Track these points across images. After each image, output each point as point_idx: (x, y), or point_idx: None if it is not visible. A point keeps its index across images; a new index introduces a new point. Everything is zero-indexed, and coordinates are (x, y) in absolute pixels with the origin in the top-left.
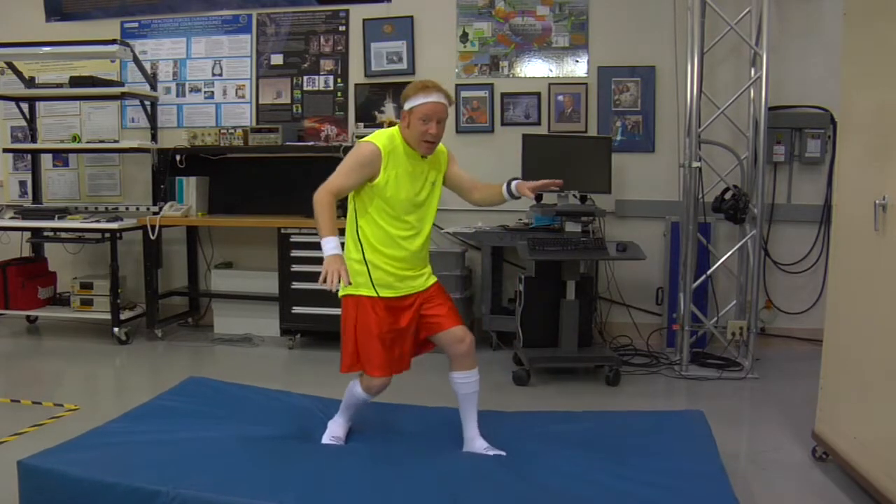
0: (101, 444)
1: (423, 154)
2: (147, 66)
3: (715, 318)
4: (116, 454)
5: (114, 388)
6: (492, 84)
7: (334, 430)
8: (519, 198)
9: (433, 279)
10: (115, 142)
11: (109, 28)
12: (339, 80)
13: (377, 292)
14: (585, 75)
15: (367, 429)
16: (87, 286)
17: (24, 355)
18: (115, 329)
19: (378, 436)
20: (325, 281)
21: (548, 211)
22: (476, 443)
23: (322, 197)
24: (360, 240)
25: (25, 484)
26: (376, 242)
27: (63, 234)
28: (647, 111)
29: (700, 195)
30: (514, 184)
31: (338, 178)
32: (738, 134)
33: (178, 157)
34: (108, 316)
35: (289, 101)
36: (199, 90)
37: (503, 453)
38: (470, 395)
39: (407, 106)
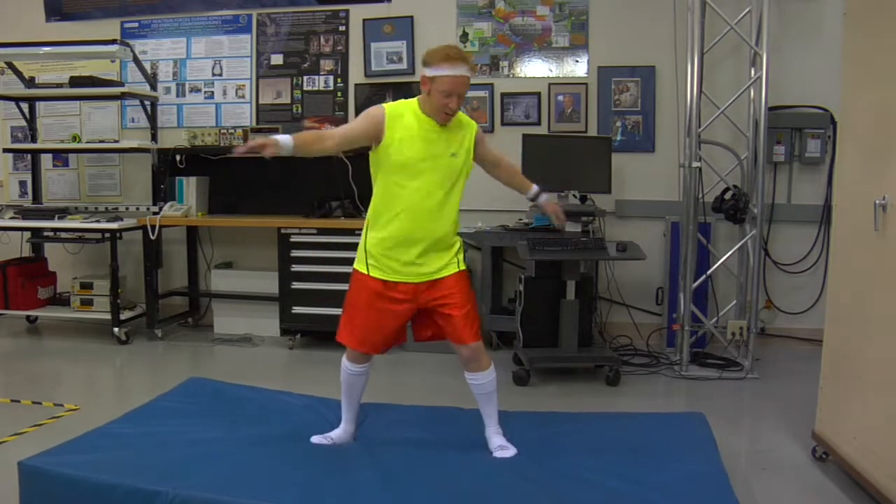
0: (101, 445)
1: (440, 123)
2: (147, 66)
3: (715, 318)
4: (117, 455)
5: (114, 388)
6: (492, 84)
7: (332, 433)
8: (534, 201)
9: (452, 269)
10: (115, 142)
11: (109, 28)
12: (339, 80)
13: (368, 270)
14: (585, 75)
15: (367, 429)
16: (87, 286)
17: (24, 355)
18: (115, 329)
19: (379, 436)
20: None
21: None
22: (492, 440)
23: (328, 132)
24: (368, 215)
25: (26, 485)
26: (381, 215)
27: (63, 234)
28: (647, 111)
29: (700, 195)
30: (543, 197)
31: (345, 126)
32: (738, 134)
33: (178, 157)
34: (108, 316)
35: (289, 101)
36: (199, 90)
37: (512, 454)
38: (482, 394)
39: (429, 73)
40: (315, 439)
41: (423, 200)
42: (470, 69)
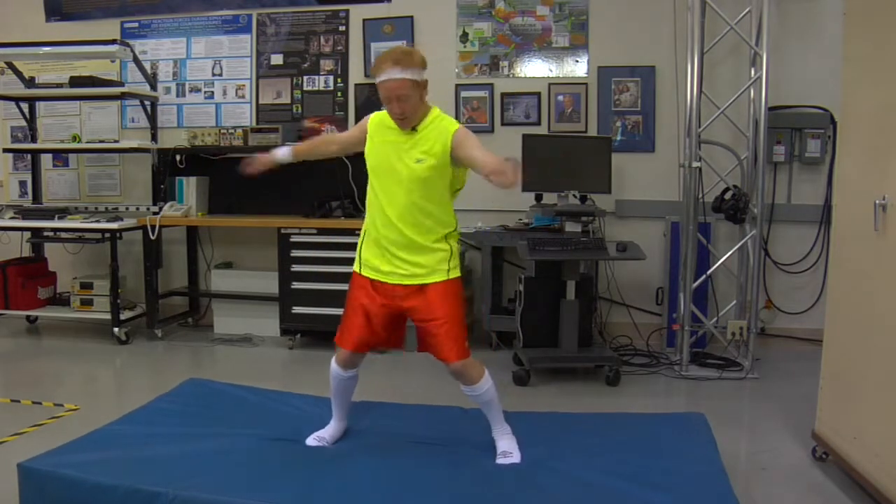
0: (100, 446)
1: (401, 128)
2: (147, 66)
3: (715, 318)
4: (116, 456)
5: (114, 388)
6: (492, 84)
7: (321, 431)
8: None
9: (438, 277)
10: (115, 142)
11: (109, 28)
12: (339, 80)
13: (360, 269)
14: (585, 75)
15: (367, 429)
16: (87, 286)
17: (24, 355)
18: (115, 329)
19: (378, 436)
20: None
21: (548, 211)
22: (497, 444)
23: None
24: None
25: (26, 486)
26: (366, 218)
27: (63, 234)
28: (647, 111)
29: (700, 195)
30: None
31: (346, 132)
32: (738, 134)
33: (178, 157)
34: (108, 316)
35: (289, 101)
36: (199, 90)
37: (514, 461)
38: (480, 403)
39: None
40: (310, 441)
41: (387, 206)
42: (401, 69)
